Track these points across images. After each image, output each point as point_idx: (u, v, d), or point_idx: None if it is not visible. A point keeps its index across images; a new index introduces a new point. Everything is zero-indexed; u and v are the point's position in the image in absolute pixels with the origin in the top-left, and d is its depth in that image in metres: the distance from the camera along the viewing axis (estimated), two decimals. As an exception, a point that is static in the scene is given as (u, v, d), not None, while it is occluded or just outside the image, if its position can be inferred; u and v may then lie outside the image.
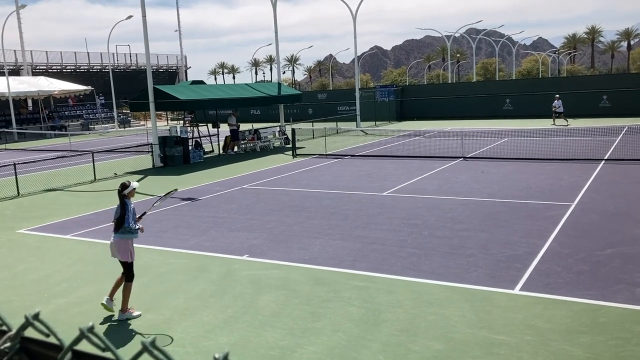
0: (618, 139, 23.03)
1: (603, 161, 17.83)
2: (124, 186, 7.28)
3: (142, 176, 19.61)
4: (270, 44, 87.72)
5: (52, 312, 7.41)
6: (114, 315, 7.14)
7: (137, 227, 7.17)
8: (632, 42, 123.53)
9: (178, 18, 51.08)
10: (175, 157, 22.26)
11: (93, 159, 19.86)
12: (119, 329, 6.80)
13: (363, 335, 6.29)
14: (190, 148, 23.60)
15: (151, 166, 22.00)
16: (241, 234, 10.83)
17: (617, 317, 6.41)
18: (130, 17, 45.46)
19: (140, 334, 6.68)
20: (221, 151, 26.19)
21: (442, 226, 10.73)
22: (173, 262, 9.33)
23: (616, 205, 11.86)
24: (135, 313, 7.12)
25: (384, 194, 14.28)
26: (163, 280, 8.48)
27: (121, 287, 7.15)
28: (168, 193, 8.02)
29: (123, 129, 49.64)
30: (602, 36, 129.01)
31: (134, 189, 7.33)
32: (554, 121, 32.20)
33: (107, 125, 50.61)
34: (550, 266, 8.20)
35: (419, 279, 7.98)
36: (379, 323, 6.58)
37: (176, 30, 51.40)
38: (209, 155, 25.31)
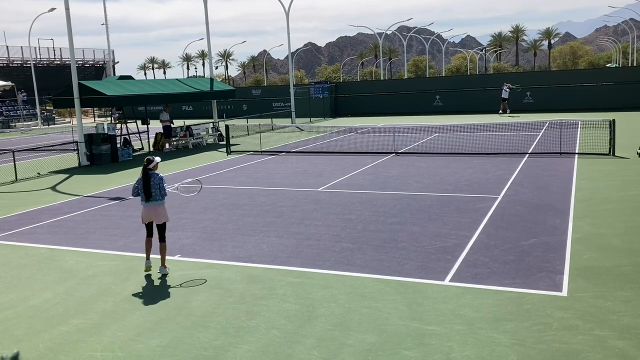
0: (540, 134, 24.14)
1: (527, 155, 18.64)
2: (149, 161, 8.51)
3: (67, 175, 18.81)
4: (202, 39, 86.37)
5: (-31, 321, 6.98)
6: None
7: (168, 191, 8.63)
8: (552, 42, 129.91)
9: (105, 11, 49.29)
10: (103, 155, 21.50)
11: (14, 158, 18.88)
12: (48, 339, 6.48)
13: (297, 331, 6.29)
14: (118, 146, 22.85)
15: (77, 165, 21.15)
16: (173, 233, 10.58)
17: (539, 304, 6.71)
18: (52, 9, 43.44)
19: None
20: (151, 148, 25.51)
21: (375, 220, 10.89)
22: (101, 265, 9.01)
23: (539, 197, 12.42)
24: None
25: (319, 189, 14.34)
26: (91, 284, 8.16)
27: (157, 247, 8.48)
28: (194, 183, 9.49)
29: (47, 126, 47.46)
30: (525, 35, 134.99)
31: (158, 162, 8.59)
32: (507, 109, 35.41)
33: (29, 123, 48.27)
34: (478, 257, 8.49)
35: (353, 273, 8.06)
36: (314, 318, 6.60)
37: (103, 24, 49.59)
38: (138, 153, 24.58)
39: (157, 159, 8.69)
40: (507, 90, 35.26)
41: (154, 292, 7.73)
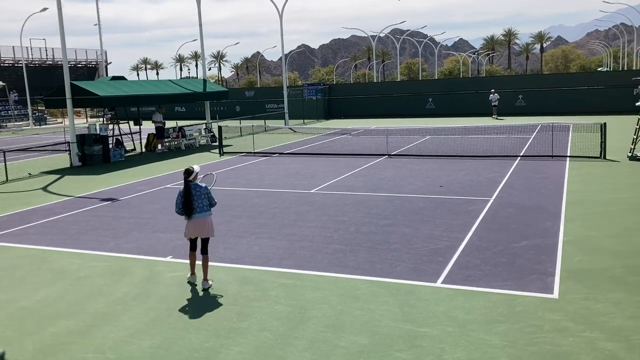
0: (532, 137, 24.26)
1: (519, 158, 18.72)
2: (188, 172, 7.82)
3: (59, 176, 18.71)
4: (196, 40, 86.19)
5: (-42, 322, 6.92)
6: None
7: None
8: (544, 45, 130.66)
9: (97, 11, 49.06)
10: (95, 155, 21.40)
11: (5, 159, 18.76)
12: (37, 340, 6.45)
13: (289, 333, 6.28)
14: (110, 146, 22.76)
15: (69, 165, 21.04)
16: (165, 235, 10.54)
17: (531, 306, 6.73)
18: (45, 9, 43.25)
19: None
20: (144, 149, 25.43)
21: (368, 222, 10.90)
22: (93, 266, 8.96)
23: (530, 199, 12.48)
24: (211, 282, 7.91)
25: (312, 191, 14.34)
26: (82, 285, 8.12)
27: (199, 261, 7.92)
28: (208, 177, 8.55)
29: (39, 126, 47.21)
30: (517, 39, 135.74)
31: (197, 172, 7.92)
32: (496, 114, 36.24)
33: (20, 123, 48.00)
34: (470, 259, 8.51)
35: (345, 274, 8.06)
36: (306, 320, 6.59)
37: (95, 24, 49.37)
38: (130, 154, 24.51)
39: (197, 167, 7.96)
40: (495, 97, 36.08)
41: (146, 293, 7.70)
